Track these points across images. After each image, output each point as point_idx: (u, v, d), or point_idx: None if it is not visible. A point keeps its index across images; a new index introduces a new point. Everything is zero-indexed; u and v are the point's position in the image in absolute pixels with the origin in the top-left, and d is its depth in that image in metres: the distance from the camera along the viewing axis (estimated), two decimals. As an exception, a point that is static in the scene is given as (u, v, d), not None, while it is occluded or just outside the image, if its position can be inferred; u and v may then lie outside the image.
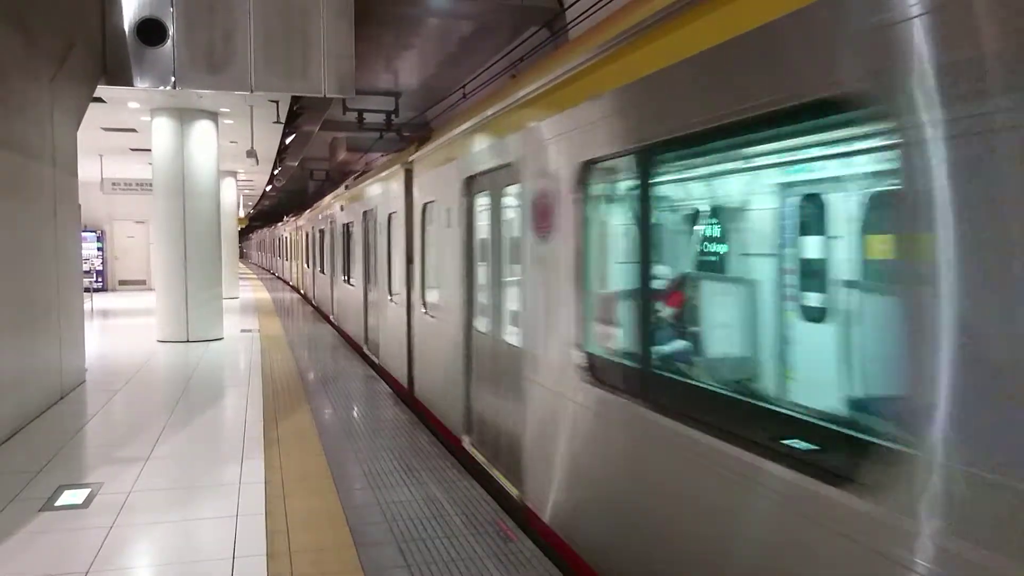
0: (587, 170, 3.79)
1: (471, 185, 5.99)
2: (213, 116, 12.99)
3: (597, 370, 3.79)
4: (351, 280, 12.91)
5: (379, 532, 4.46)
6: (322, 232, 17.83)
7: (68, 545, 4.28)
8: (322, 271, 18.08)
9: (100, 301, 20.88)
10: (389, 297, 9.48)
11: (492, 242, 5.59)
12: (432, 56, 16.61)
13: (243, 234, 59.17)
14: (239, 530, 4.48)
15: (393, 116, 20.10)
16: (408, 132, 20.79)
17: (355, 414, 7.61)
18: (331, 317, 15.97)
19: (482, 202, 5.86)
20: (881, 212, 3.10)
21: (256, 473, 5.57)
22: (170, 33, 9.40)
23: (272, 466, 5.73)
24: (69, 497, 5.04)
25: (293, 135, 16.44)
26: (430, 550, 4.20)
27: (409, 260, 8.27)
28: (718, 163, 3.90)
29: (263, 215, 59.90)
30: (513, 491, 4.95)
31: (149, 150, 13.25)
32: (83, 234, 12.62)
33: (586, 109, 3.72)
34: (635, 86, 3.27)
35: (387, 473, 5.60)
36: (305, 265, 23.69)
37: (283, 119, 13.54)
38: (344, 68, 9.89)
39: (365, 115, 20.27)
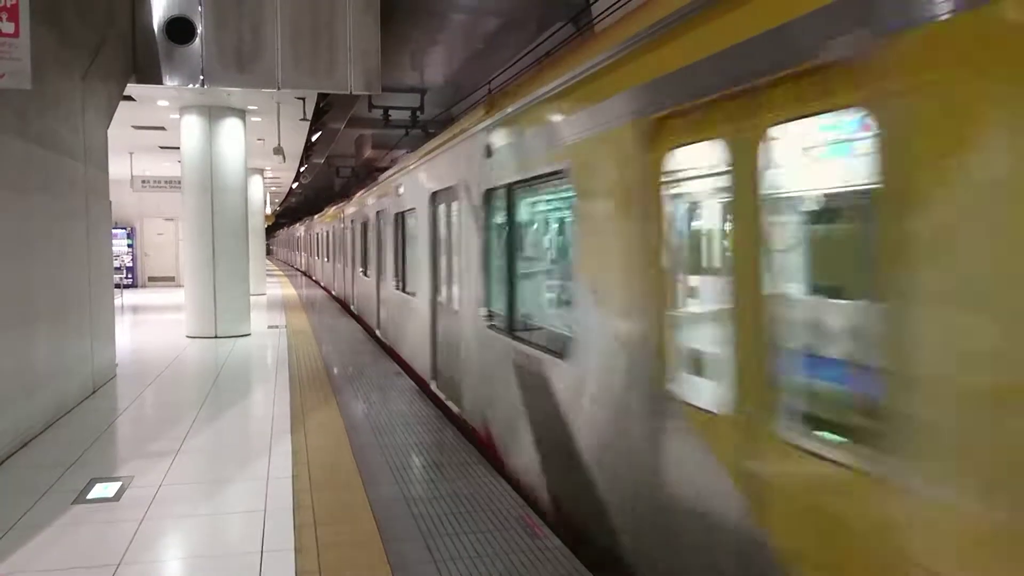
0: None
1: None
2: (241, 114, 13.09)
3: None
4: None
5: (405, 527, 4.46)
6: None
7: (100, 537, 4.33)
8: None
9: (130, 297, 21.18)
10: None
11: None
12: (458, 52, 16.61)
13: (270, 231, 59.72)
14: (267, 524, 4.50)
15: (419, 113, 20.14)
16: (434, 129, 20.82)
17: (380, 409, 7.63)
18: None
19: None
20: None
21: (284, 467, 5.60)
22: (199, 31, 9.48)
23: (300, 461, 5.76)
24: (101, 490, 5.11)
25: (319, 132, 16.55)
26: (456, 545, 4.19)
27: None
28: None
29: (290, 212, 60.42)
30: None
31: (178, 148, 13.40)
32: (114, 231, 12.79)
33: None
34: None
35: (413, 468, 5.61)
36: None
37: (310, 116, 13.62)
38: (370, 65, 9.92)
39: (391, 112, 20.32)
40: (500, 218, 6.08)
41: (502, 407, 5.83)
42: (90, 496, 5.00)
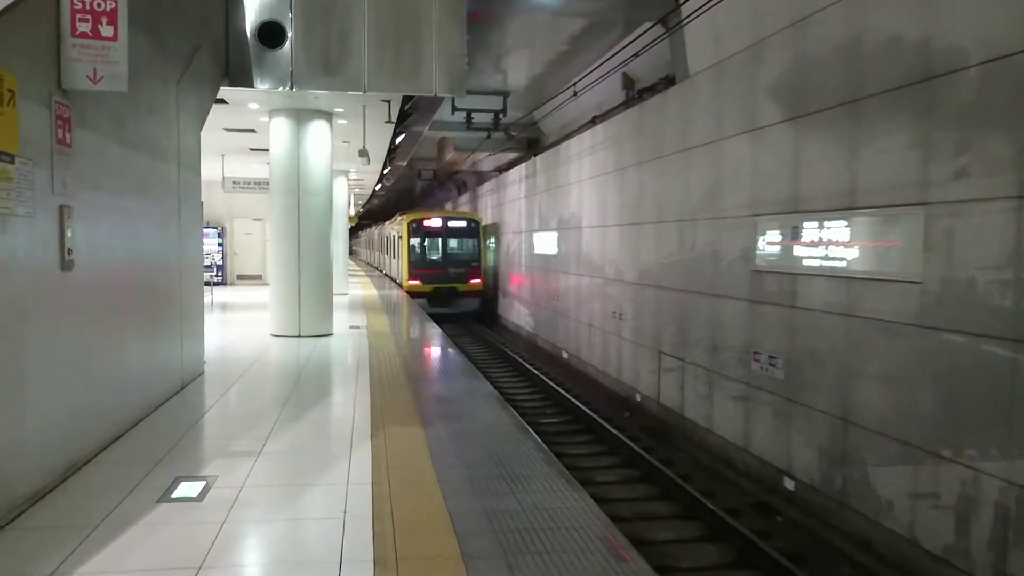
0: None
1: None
2: (327, 116, 13.28)
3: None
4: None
5: (486, 542, 4.33)
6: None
7: (183, 539, 4.35)
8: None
9: (220, 295, 21.82)
10: None
11: None
12: (541, 55, 16.49)
13: (353, 232, 61.14)
14: (346, 532, 4.44)
15: (501, 115, 20.10)
16: (515, 131, 20.75)
17: (461, 416, 7.55)
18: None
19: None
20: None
21: (363, 473, 5.55)
22: (288, 36, 9.62)
23: (379, 466, 5.71)
24: (185, 489, 5.16)
25: (403, 135, 16.67)
26: (539, 564, 4.03)
27: None
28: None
29: (372, 214, 61.58)
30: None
31: (267, 150, 13.69)
32: (205, 230, 13.14)
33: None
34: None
35: (493, 479, 5.48)
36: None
37: (394, 119, 13.71)
38: (455, 68, 9.88)
39: (473, 114, 20.33)
40: (383, 242, 37.85)
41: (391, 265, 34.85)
42: (175, 495, 5.05)
